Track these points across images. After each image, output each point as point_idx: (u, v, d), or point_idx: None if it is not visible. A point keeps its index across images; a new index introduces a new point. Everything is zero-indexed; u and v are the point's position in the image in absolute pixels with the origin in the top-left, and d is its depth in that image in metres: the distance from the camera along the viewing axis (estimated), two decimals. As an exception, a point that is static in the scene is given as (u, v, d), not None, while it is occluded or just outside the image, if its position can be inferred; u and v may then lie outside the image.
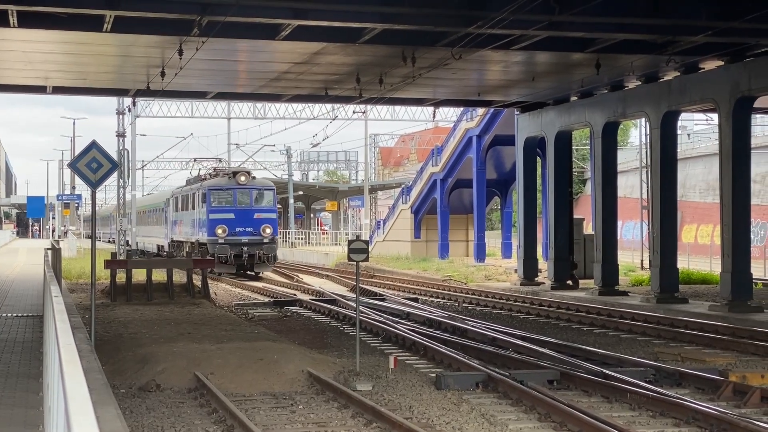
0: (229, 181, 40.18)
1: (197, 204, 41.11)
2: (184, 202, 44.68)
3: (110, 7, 18.04)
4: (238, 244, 38.62)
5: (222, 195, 39.89)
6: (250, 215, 39.30)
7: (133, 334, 19.39)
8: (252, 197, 39.91)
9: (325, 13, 18.73)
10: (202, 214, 40.17)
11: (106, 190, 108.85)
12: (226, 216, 39.15)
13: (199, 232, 40.80)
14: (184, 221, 44.49)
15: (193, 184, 44.51)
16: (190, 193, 43.55)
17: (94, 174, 16.49)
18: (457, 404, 12.51)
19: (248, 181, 40.16)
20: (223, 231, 38.67)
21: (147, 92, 29.07)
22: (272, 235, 39.31)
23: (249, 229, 38.92)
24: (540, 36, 20.56)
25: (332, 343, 18.92)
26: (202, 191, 40.46)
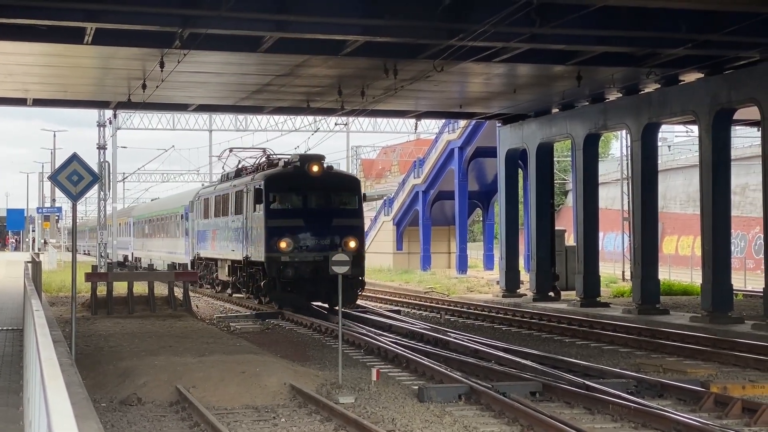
0: (295, 173, 27.63)
1: (245, 206, 29.24)
2: (220, 205, 33.37)
3: (91, 19, 18.01)
4: (309, 263, 26.44)
5: (286, 192, 27.80)
6: (327, 221, 27.08)
7: (114, 347, 19.28)
8: (330, 195, 27.57)
9: (307, 26, 18.75)
10: (255, 220, 28.11)
11: (86, 202, 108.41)
12: (292, 222, 26.94)
13: (247, 247, 28.80)
14: (219, 231, 33.21)
15: (232, 180, 32.90)
16: (230, 193, 31.79)
17: (75, 186, 16.43)
18: (439, 416, 12.49)
19: (324, 173, 27.38)
20: (288, 245, 26.45)
21: (128, 104, 29.02)
22: (358, 249, 26.55)
23: (326, 242, 26.71)
24: (521, 48, 20.64)
25: (314, 356, 18.88)
26: (254, 186, 28.13)
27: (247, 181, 29.67)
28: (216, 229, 33.90)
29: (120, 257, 58.87)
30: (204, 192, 37.66)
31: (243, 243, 29.32)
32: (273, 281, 26.83)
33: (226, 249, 31.90)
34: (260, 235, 27.38)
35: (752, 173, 48.66)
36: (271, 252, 26.71)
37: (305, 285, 26.59)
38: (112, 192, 55.44)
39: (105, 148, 48.50)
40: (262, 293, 28.39)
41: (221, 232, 32.85)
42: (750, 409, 12.29)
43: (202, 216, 36.50)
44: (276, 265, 26.58)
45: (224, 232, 32.33)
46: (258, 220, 27.74)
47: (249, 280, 29.27)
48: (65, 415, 4.35)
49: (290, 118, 56.79)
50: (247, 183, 29.43)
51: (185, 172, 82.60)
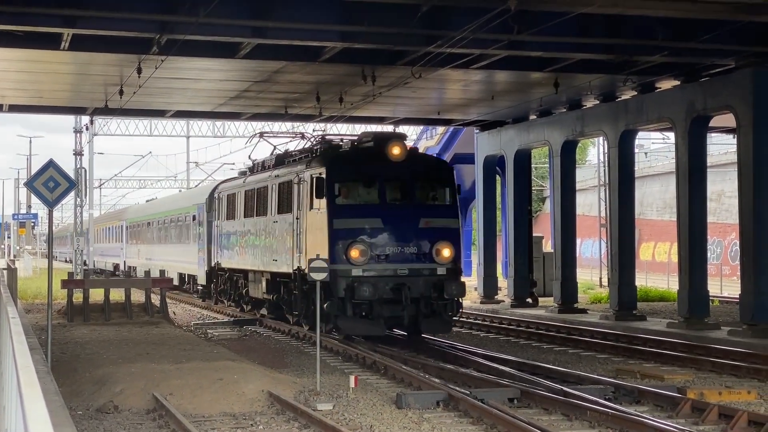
0: (368, 157, 20.87)
1: (296, 202, 22.02)
2: (253, 201, 25.95)
3: (68, 25, 17.92)
4: (389, 278, 19.90)
5: (358, 182, 20.90)
6: (413, 222, 20.37)
7: (91, 354, 19.18)
8: (415, 187, 20.81)
9: (285, 32, 18.74)
10: (313, 220, 20.92)
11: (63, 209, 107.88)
12: (366, 223, 20.26)
13: (301, 256, 21.54)
14: (251, 236, 25.95)
15: (271, 169, 25.16)
16: (270, 186, 24.42)
17: (51, 193, 16.36)
18: (417, 423, 12.49)
19: (407, 156, 20.63)
20: (362, 253, 19.86)
21: (105, 110, 28.88)
22: (454, 260, 20.31)
23: (411, 249, 20.18)
24: (499, 55, 20.71)
25: (292, 363, 18.84)
26: (311, 175, 21.01)
27: (298, 169, 22.16)
28: (247, 233, 26.35)
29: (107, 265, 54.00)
30: (227, 187, 29.96)
31: (292, 251, 21.97)
32: (341, 303, 19.71)
33: (264, 258, 24.59)
34: (321, 240, 20.28)
35: (728, 180, 48.99)
36: (337, 263, 19.61)
37: (384, 308, 19.61)
38: (89, 198, 55.15)
39: (81, 154, 48.25)
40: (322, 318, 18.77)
41: (255, 236, 25.48)
42: (726, 415, 12.35)
43: (225, 216, 29.12)
44: (345, 280, 19.56)
45: (260, 236, 24.99)
46: (317, 221, 20.64)
47: (302, 300, 21.83)
48: (42, 422, 4.33)
49: (268, 125, 56.73)
50: (298, 172, 22.00)
51: (162, 179, 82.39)
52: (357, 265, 19.88)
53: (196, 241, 34.01)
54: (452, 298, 19.91)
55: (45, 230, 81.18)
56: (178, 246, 37.72)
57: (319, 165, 21.09)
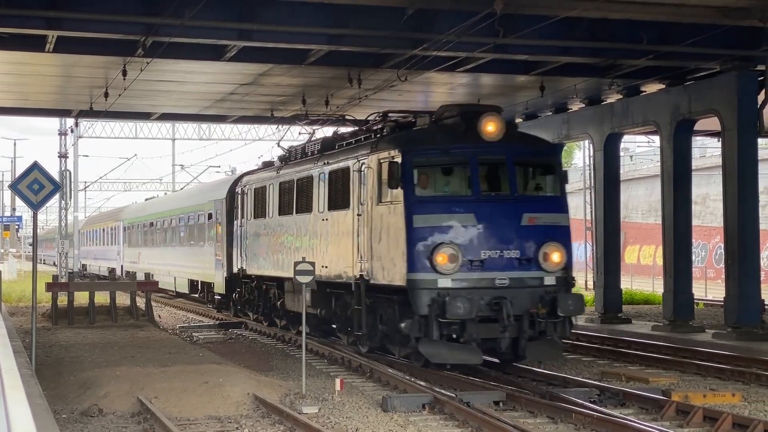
0: (455, 134, 16.75)
1: (355, 194, 17.89)
2: (292, 195, 21.57)
3: (52, 27, 17.87)
4: (486, 290, 15.95)
5: (444, 168, 16.90)
6: (514, 218, 16.37)
7: (75, 357, 19.10)
8: (516, 173, 16.68)
9: (271, 35, 18.73)
10: (383, 216, 16.89)
11: (47, 211, 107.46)
12: (455, 220, 16.14)
13: (364, 262, 17.50)
14: (288, 238, 21.70)
15: (318, 155, 20.66)
16: (316, 175, 20.09)
17: (35, 195, 16.30)
18: (403, 426, 12.49)
19: (506, 135, 16.59)
20: (452, 259, 15.86)
21: (90, 113, 28.80)
22: (565, 266, 16.48)
23: (512, 254, 16.20)
24: (485, 58, 20.76)
25: (278, 366, 18.81)
26: (380, 160, 17.03)
27: (360, 153, 17.82)
28: (283, 234, 21.95)
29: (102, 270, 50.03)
30: (254, 179, 25.12)
31: (352, 255, 17.88)
32: (423, 323, 15.69)
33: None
34: (394, 241, 16.33)
35: (713, 183, 49.19)
36: (418, 271, 15.74)
37: (479, 328, 15.58)
38: (74, 201, 54.97)
39: (66, 156, 48.13)
40: (395, 342, 16.93)
41: (296, 238, 21.13)
42: (711, 418, 12.39)
43: (252, 214, 24.70)
44: (429, 294, 15.57)
45: (303, 238, 20.63)
46: (389, 217, 16.52)
47: (368, 316, 17.55)
48: (26, 425, 4.31)
49: (254, 127, 56.68)
50: (359, 157, 17.76)
51: (148, 181, 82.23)
52: (445, 273, 15.68)
53: (212, 244, 29.56)
54: (566, 315, 15.98)
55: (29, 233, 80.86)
56: (190, 249, 33.10)
57: (392, 146, 16.70)
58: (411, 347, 16.33)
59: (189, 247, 33.33)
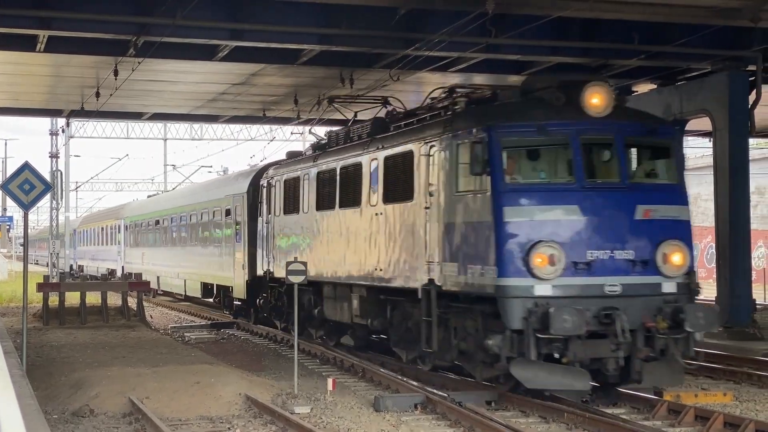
0: (551, 110, 13.77)
1: (424, 183, 14.94)
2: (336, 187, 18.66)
3: (44, 26, 17.84)
4: (594, 299, 13.13)
5: (536, 151, 13.95)
6: (626, 210, 13.53)
7: (66, 358, 19.06)
8: (624, 158, 13.78)
9: (263, 34, 18.72)
10: (467, 209, 13.94)
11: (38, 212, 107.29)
12: (552, 213, 13.39)
13: (426, 265, 14.89)
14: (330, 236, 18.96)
15: (365, 139, 17.78)
16: (369, 163, 17.16)
17: (26, 195, 16.25)
18: (395, 426, 12.48)
19: (614, 109, 13.90)
20: (552, 259, 13.06)
21: (81, 113, 28.75)
22: (688, 270, 13.63)
23: (625, 254, 13.38)
24: (477, 58, 20.78)
25: (270, 366, 18.79)
26: (452, 141, 14.25)
27: (429, 134, 14.95)
28: (323, 232, 19.25)
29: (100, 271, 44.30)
30: (284, 170, 21.82)
31: (417, 256, 15.11)
32: (519, 339, 13.01)
33: (357, 267, 17.54)
34: (478, 238, 13.58)
35: (704, 183, 49.25)
36: (509, 274, 13.11)
37: (585, 347, 12.92)
38: (65, 201, 54.86)
39: (57, 156, 48.04)
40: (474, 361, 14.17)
41: (339, 236, 18.39)
42: (703, 417, 12.41)
43: (282, 209, 21.63)
44: (524, 303, 12.94)
45: (349, 236, 17.93)
46: (470, 210, 13.79)
47: (441, 331, 14.66)
48: (17, 426, 4.29)
49: (246, 127, 56.65)
50: (428, 138, 14.92)
51: (140, 181, 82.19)
52: (544, 278, 12.96)
53: (230, 243, 26.80)
54: (694, 331, 13.19)
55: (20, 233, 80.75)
56: (203, 249, 30.27)
57: (475, 123, 13.74)
58: (499, 369, 13.44)
59: (203, 247, 30.45)
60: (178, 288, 33.94)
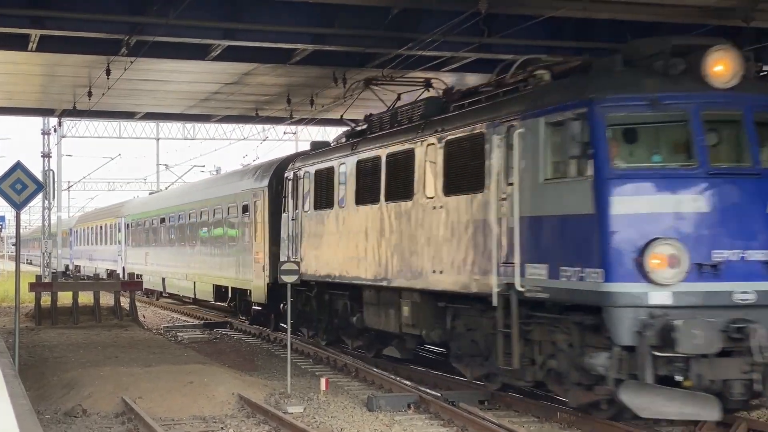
0: (666, 80, 11.42)
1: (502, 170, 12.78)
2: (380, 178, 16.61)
3: (36, 26, 17.79)
4: (723, 309, 10.90)
5: (650, 129, 11.65)
6: (759, 204, 11.23)
7: (59, 358, 19.03)
8: (756, 138, 11.41)
9: (256, 34, 18.70)
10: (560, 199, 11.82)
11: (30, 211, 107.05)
12: (671, 204, 11.15)
13: (500, 267, 12.77)
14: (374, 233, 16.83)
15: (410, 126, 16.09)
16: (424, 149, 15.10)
17: (18, 195, 16.23)
18: (388, 425, 12.49)
19: (739, 80, 11.48)
20: (672, 261, 10.89)
21: (73, 112, 28.69)
22: None
23: (758, 256, 11.12)
24: (470, 58, 20.78)
25: (263, 366, 18.78)
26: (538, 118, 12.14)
27: (508, 111, 12.91)
28: (364, 228, 17.09)
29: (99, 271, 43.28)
30: (314, 160, 19.79)
31: (489, 256, 13.06)
32: (631, 358, 11.06)
33: (407, 268, 15.45)
34: (576, 235, 11.58)
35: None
36: (620, 279, 11.09)
37: (713, 367, 10.92)
38: (57, 201, 54.76)
39: (49, 156, 47.93)
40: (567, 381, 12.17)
41: (385, 232, 16.30)
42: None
43: (313, 204, 19.54)
44: (637, 314, 10.98)
45: (398, 232, 15.81)
46: (566, 200, 11.74)
47: (525, 347, 12.69)
48: (10, 426, 4.28)
49: (238, 127, 56.65)
50: (505, 116, 12.90)
51: (132, 180, 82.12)
52: (662, 283, 10.93)
53: (248, 242, 24.61)
54: None
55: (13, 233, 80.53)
56: (216, 249, 28.07)
57: (571, 97, 11.76)
58: (601, 393, 11.47)
59: (216, 247, 28.11)
60: (187, 290, 31.86)
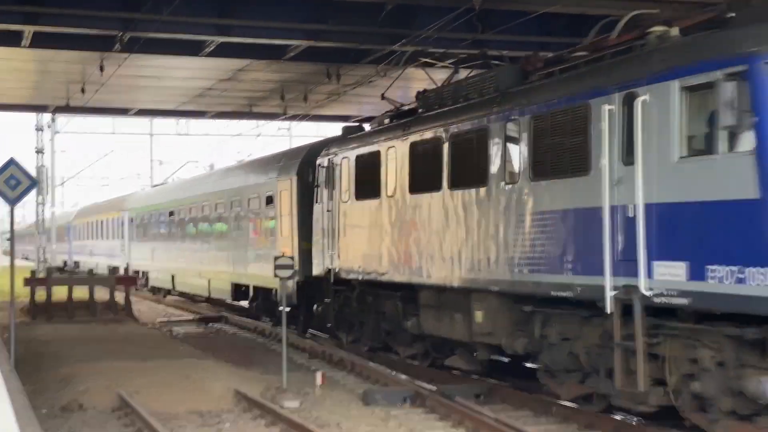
0: None
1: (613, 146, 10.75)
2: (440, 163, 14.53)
3: (29, 22, 17.79)
4: None
5: None
6: None
7: (55, 353, 19.03)
8: None
9: (249, 30, 18.71)
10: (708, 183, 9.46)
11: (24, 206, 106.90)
12: None
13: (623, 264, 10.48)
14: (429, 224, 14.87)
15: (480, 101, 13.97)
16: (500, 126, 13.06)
17: (12, 191, 16.26)
18: (385, 420, 12.53)
19: None
20: None
21: (67, 108, 28.67)
22: None
23: None
24: (464, 54, 20.80)
25: (259, 360, 18.80)
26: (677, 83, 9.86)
27: (624, 77, 11.08)
28: (422, 220, 15.10)
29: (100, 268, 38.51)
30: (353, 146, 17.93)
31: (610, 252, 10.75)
32: None
33: (480, 264, 13.47)
34: (733, 226, 9.21)
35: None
36: None
37: None
38: (51, 196, 54.72)
39: (43, 152, 47.88)
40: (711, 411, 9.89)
41: (450, 225, 14.22)
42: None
43: (354, 193, 17.61)
44: None
45: (465, 225, 13.86)
46: (707, 182, 9.55)
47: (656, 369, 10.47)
48: (7, 421, 4.32)
49: (233, 123, 56.64)
50: (616, 83, 11.11)
51: (126, 177, 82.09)
52: None
53: (273, 236, 22.55)
54: None
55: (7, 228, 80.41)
56: (235, 243, 25.80)
57: (721, 53, 9.53)
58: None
59: (233, 241, 25.95)
60: (200, 289, 29.58)
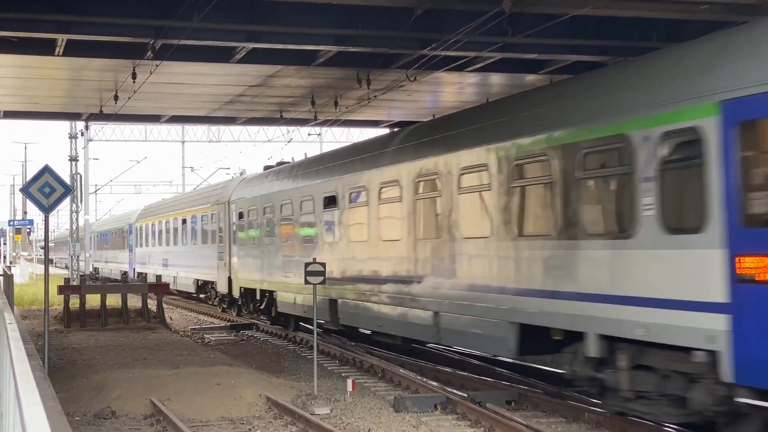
0: None
1: None
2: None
3: (62, 31, 17.91)
4: None
5: None
6: None
7: (88, 360, 19.15)
8: None
9: (280, 36, 18.73)
10: None
11: (59, 215, 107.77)
12: None
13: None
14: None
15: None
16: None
17: (47, 199, 16.36)
18: (416, 426, 12.49)
19: None
20: None
21: (100, 116, 28.86)
22: None
23: None
24: (494, 58, 20.74)
25: (289, 367, 18.82)
26: None
27: None
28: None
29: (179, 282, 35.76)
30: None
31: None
32: None
33: None
34: None
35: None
36: None
37: None
38: (85, 204, 55.12)
39: (77, 159, 48.26)
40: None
41: None
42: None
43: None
44: None
45: None
46: None
47: None
48: (41, 428, 4.33)
49: (263, 129, 56.82)
50: None
51: (158, 183, 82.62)
52: None
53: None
54: None
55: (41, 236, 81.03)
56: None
57: None
58: None
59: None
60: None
